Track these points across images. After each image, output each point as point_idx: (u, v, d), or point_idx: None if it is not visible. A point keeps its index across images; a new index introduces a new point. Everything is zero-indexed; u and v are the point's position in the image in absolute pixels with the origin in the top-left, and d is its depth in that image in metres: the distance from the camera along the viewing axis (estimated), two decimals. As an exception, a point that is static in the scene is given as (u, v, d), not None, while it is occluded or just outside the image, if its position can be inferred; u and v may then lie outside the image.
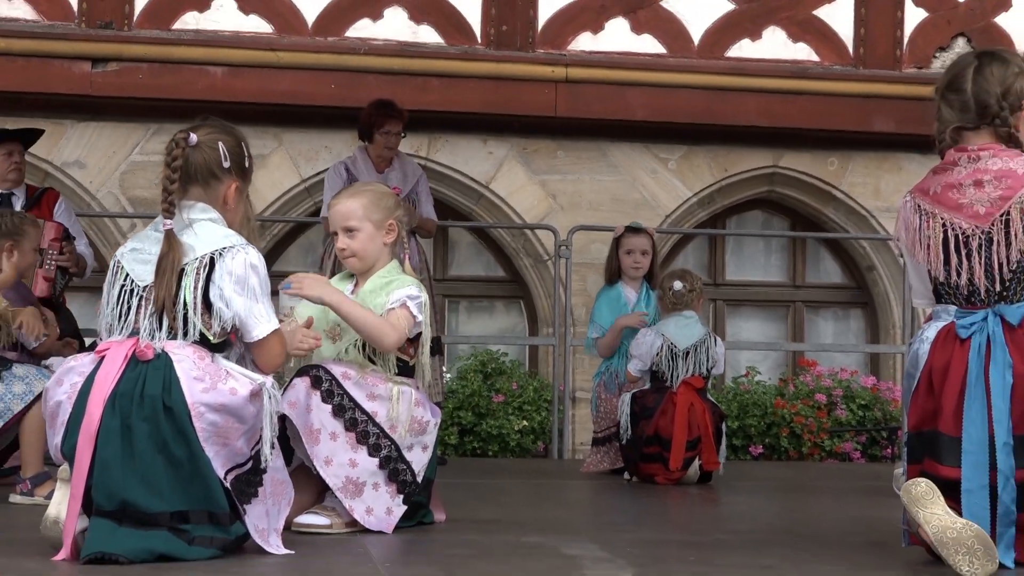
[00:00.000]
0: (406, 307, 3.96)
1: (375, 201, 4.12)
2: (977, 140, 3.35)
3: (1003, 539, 3.08)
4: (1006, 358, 3.17)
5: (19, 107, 9.41)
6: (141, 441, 3.08)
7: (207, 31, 10.05)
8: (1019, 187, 3.25)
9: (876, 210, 10.79)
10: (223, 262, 3.28)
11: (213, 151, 3.38)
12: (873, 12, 10.84)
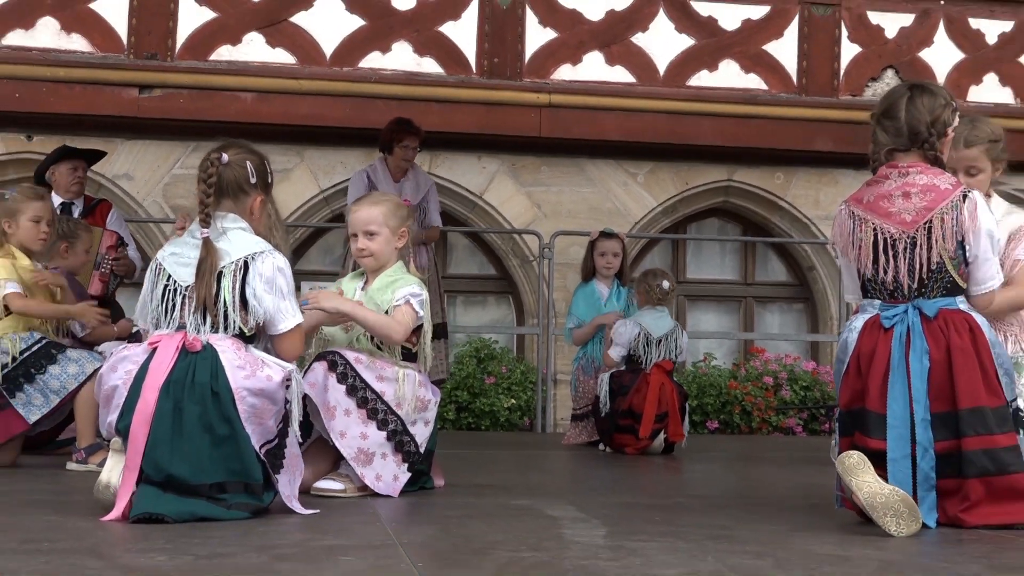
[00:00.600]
0: (410, 304, 3.96)
1: (393, 210, 4.13)
2: (907, 159, 3.35)
3: (924, 502, 3.08)
4: (923, 345, 3.19)
5: (76, 128, 9.41)
6: (190, 422, 3.10)
7: (239, 62, 10.03)
8: (941, 200, 3.26)
9: (816, 218, 10.79)
10: (255, 265, 3.30)
11: (242, 169, 3.39)
12: (814, 47, 10.86)
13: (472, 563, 2.37)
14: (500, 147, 10.47)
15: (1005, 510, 3.09)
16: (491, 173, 10.58)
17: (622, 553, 2.55)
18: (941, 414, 3.15)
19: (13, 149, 9.83)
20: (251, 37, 10.08)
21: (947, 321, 3.22)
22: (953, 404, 3.15)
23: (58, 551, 2.48)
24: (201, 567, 2.29)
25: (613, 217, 10.21)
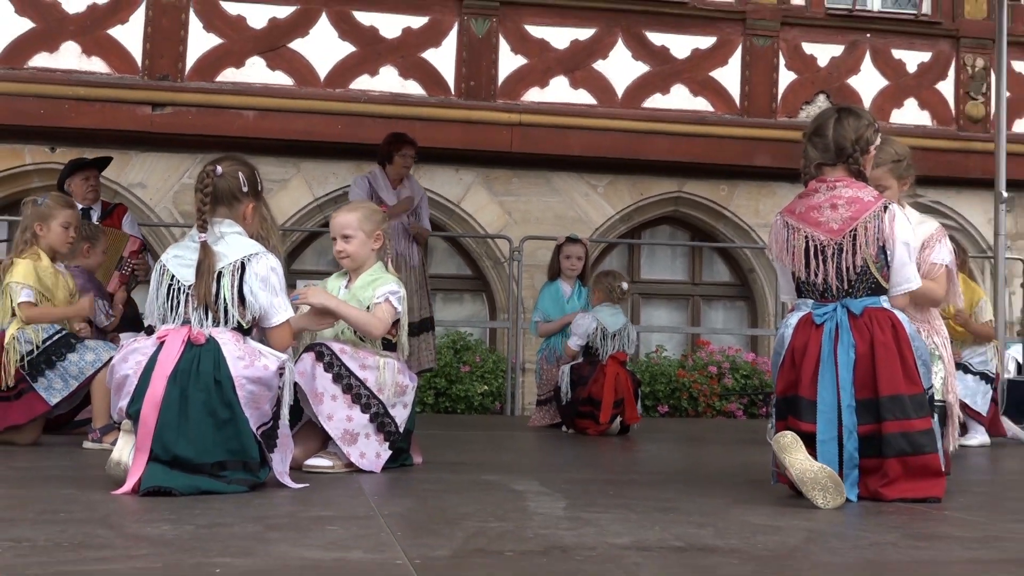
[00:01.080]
0: (389, 302, 3.96)
1: (367, 215, 4.12)
2: (834, 174, 3.36)
3: (848, 479, 3.10)
4: (850, 340, 3.20)
5: (95, 141, 9.36)
6: (195, 407, 3.09)
7: (242, 83, 10.00)
8: (864, 211, 3.27)
9: (756, 226, 10.83)
10: (251, 265, 3.29)
11: (234, 179, 3.38)
12: (755, 74, 10.90)
13: (444, 532, 2.37)
14: (475, 161, 10.48)
15: (919, 486, 3.11)
16: (467, 184, 10.59)
17: (579, 523, 2.55)
18: (864, 401, 3.17)
19: (38, 160, 9.78)
20: (253, 61, 10.07)
21: (872, 318, 3.23)
22: (875, 392, 3.16)
23: (73, 521, 2.47)
24: (201, 535, 2.28)
25: (576, 224, 10.22)
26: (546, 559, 2.04)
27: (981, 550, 2.25)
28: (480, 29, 10.48)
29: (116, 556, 2.02)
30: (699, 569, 1.95)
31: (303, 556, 2.03)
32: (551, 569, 1.93)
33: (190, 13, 10.01)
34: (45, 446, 4.71)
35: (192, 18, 10.02)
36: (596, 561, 2.01)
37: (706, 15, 10.87)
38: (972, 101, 11.29)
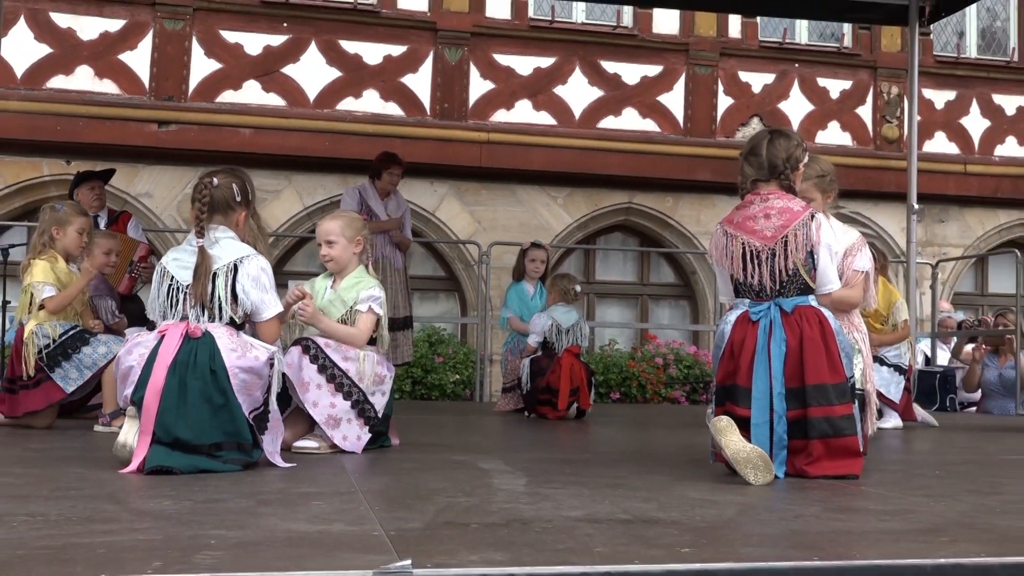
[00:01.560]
0: (372, 311, 3.95)
1: (348, 223, 4.11)
2: (767, 188, 3.37)
3: (777, 458, 3.11)
4: (782, 335, 3.21)
5: (106, 155, 9.28)
6: (193, 394, 3.07)
7: (239, 103, 9.95)
8: (794, 220, 3.28)
9: (698, 233, 10.88)
10: (243, 267, 3.27)
11: (228, 190, 3.36)
12: (696, 98, 10.96)
13: (417, 507, 2.36)
14: (448, 174, 10.48)
15: (839, 464, 3.13)
16: (441, 195, 10.58)
17: (538, 498, 2.55)
18: (793, 389, 3.18)
19: (55, 171, 9.69)
20: (249, 84, 10.04)
21: (801, 315, 3.24)
22: (802, 381, 3.17)
23: (83, 497, 2.45)
24: (199, 510, 2.27)
25: (538, 231, 10.23)
26: (507, 530, 2.03)
27: (893, 521, 2.27)
28: (453, 57, 10.48)
29: (121, 529, 2.00)
30: (643, 539, 1.96)
31: (290, 528, 2.02)
32: (512, 540, 1.92)
33: (193, 41, 9.97)
34: (59, 429, 4.67)
35: (195, 45, 9.97)
36: (552, 532, 2.01)
37: (654, 46, 10.92)
38: (887, 124, 11.39)
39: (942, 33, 11.66)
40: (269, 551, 1.78)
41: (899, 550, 1.89)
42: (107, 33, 9.82)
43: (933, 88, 11.48)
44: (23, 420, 4.67)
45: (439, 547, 1.83)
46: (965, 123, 11.68)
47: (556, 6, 10.66)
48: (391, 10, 10.41)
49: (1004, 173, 11.61)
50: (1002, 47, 12.03)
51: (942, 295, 10.93)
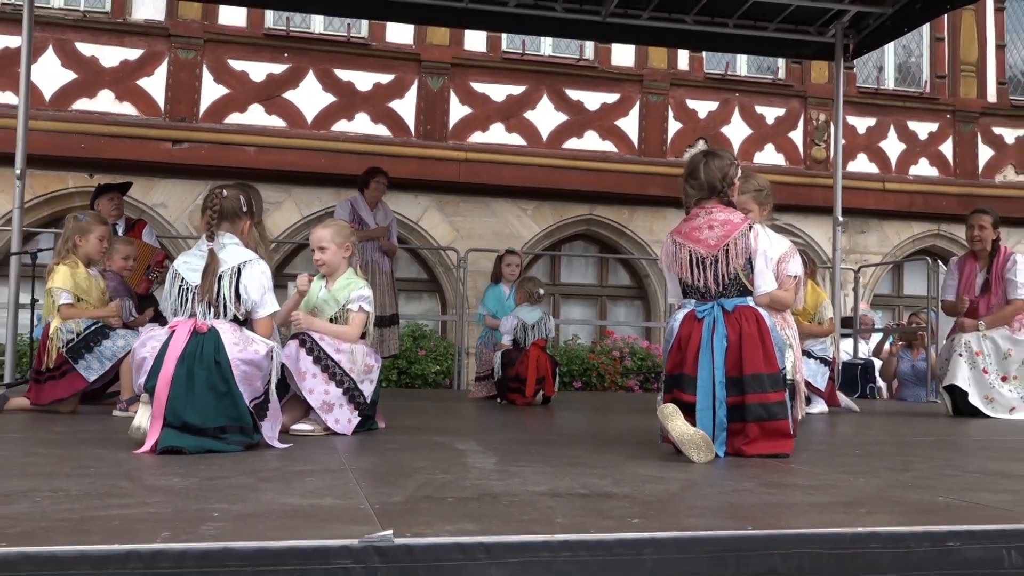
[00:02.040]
0: (362, 310, 3.94)
1: (338, 231, 4.09)
2: (709, 203, 3.38)
3: (718, 439, 3.12)
4: (724, 331, 3.22)
5: (125, 170, 9.22)
6: (200, 383, 3.05)
7: (245, 124, 9.90)
8: (734, 230, 3.29)
9: (650, 242, 10.92)
10: (246, 270, 3.25)
11: (236, 201, 3.34)
12: (649, 123, 11.00)
13: (400, 483, 2.36)
14: (430, 189, 10.47)
15: (773, 444, 3.15)
16: (424, 207, 10.56)
17: (506, 475, 2.54)
18: (733, 378, 3.18)
19: (80, 184, 9.61)
20: (254, 107, 10.00)
21: (741, 314, 3.25)
22: (741, 371, 3.18)
23: (101, 475, 2.42)
24: (204, 486, 2.25)
25: (509, 239, 10.24)
26: (479, 504, 2.03)
27: (818, 495, 2.28)
28: (435, 85, 10.47)
29: (135, 503, 1.98)
30: (599, 511, 1.96)
31: (286, 502, 2.01)
32: (482, 512, 1.92)
33: (203, 68, 9.91)
34: (82, 414, 4.62)
35: (205, 72, 9.91)
36: (518, 505, 2.01)
37: (612, 77, 10.96)
38: (816, 146, 11.48)
39: (864, 67, 11.77)
40: (266, 522, 1.77)
41: (823, 520, 1.90)
42: (127, 61, 9.75)
43: (856, 115, 11.58)
44: (49, 407, 4.63)
45: (418, 519, 1.82)
46: (884, 146, 11.79)
47: (526, 41, 10.68)
48: (380, 43, 10.39)
49: (917, 190, 11.73)
50: (916, 80, 12.16)
51: (863, 297, 11.03)
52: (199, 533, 1.63)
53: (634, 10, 8.16)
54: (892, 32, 8.34)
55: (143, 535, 1.61)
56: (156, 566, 1.50)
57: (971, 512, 2.04)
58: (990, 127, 12.07)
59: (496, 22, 8.37)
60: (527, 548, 1.62)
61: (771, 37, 8.55)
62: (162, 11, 9.86)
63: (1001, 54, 12.19)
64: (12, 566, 1.46)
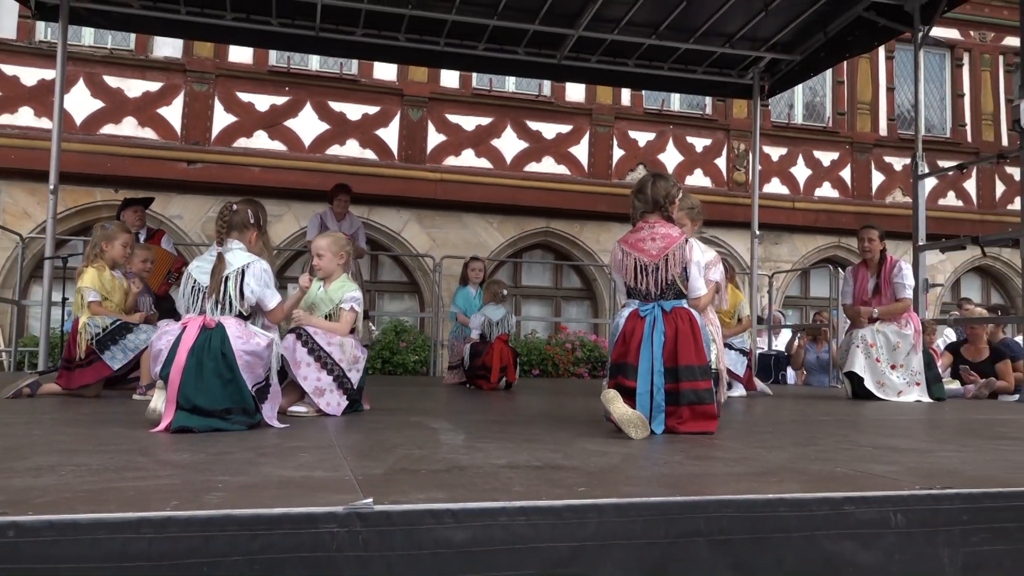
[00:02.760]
0: (353, 309, 3.91)
1: (334, 242, 4.05)
2: (652, 218, 3.39)
3: (656, 419, 3.11)
4: (662, 327, 3.22)
5: (146, 186, 9.09)
6: (208, 371, 2.98)
7: (251, 148, 9.79)
8: (673, 243, 3.30)
9: (598, 251, 10.95)
10: (249, 270, 3.20)
11: (244, 214, 3.28)
12: (597, 149, 11.04)
13: (381, 457, 2.33)
14: (411, 205, 10.43)
15: (702, 424, 3.15)
16: (405, 220, 10.51)
17: (473, 450, 2.52)
18: (669, 368, 3.19)
19: (107, 198, 9.47)
20: (259, 133, 9.89)
21: (677, 314, 3.25)
22: (676, 362, 3.19)
23: (120, 451, 2.36)
24: (211, 460, 2.20)
25: (478, 248, 10.22)
26: (448, 475, 2.01)
27: (736, 466, 2.29)
28: (415, 116, 10.43)
29: (148, 476, 1.93)
30: (551, 481, 1.94)
31: (281, 474, 1.97)
32: (451, 482, 1.90)
33: (215, 99, 9.79)
34: (105, 398, 4.51)
35: (216, 103, 9.79)
36: (482, 476, 1.99)
37: (566, 110, 10.98)
38: (737, 171, 11.59)
39: (777, 105, 11.90)
40: (264, 492, 1.74)
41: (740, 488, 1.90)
42: (148, 92, 9.61)
43: (770, 145, 11.71)
44: (77, 391, 4.53)
45: (395, 488, 1.80)
46: (793, 172, 11.93)
47: (493, 79, 10.67)
48: (368, 79, 10.34)
49: (821, 209, 11.88)
50: (820, 116, 12.31)
51: (776, 299, 11.14)
52: (203, 501, 1.60)
53: (584, 54, 8.19)
54: (800, 76, 8.44)
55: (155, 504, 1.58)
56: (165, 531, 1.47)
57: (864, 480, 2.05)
58: (882, 156, 12.26)
59: (467, 63, 8.37)
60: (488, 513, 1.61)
61: (700, 79, 8.63)
62: (179, 49, 9.73)
63: (891, 95, 12.38)
64: (37, 532, 1.42)
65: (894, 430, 3.52)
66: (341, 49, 8.00)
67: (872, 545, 1.76)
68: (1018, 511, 1.85)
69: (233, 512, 1.51)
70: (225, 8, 7.31)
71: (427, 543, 1.55)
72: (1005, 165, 12.21)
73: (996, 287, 13.24)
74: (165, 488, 1.77)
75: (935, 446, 2.88)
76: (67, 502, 1.59)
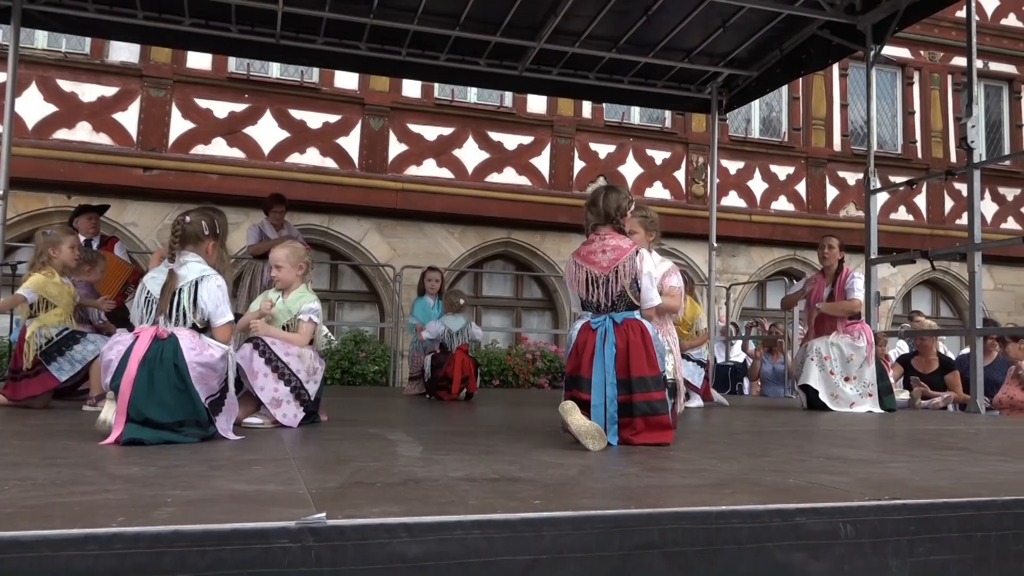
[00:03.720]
0: (311, 320, 3.87)
1: (293, 252, 4.00)
2: (604, 230, 3.41)
3: (610, 431, 3.12)
4: (613, 339, 3.23)
5: (101, 192, 8.91)
6: (160, 382, 2.92)
7: (209, 155, 9.67)
8: (623, 254, 3.32)
9: (559, 262, 10.98)
10: (203, 284, 3.14)
11: (199, 225, 3.22)
12: (558, 161, 11.09)
13: (337, 469, 2.30)
14: (372, 214, 10.37)
15: (656, 435, 3.17)
16: (366, 229, 10.45)
17: (430, 463, 2.51)
18: (622, 379, 3.20)
19: (59, 204, 9.25)
20: (217, 140, 9.77)
21: (628, 325, 3.27)
22: (628, 373, 3.20)
23: (67, 465, 2.31)
24: (161, 475, 2.16)
25: (439, 258, 10.20)
26: (404, 488, 1.99)
27: (691, 478, 2.30)
28: (376, 125, 10.39)
29: (96, 491, 1.88)
30: (506, 493, 1.94)
31: (233, 488, 1.94)
32: (406, 495, 1.89)
33: (172, 105, 9.65)
34: (54, 409, 4.40)
35: (174, 108, 9.65)
36: (438, 489, 1.98)
37: (527, 122, 11.02)
38: (696, 184, 11.73)
39: (734, 119, 12.08)
40: (214, 507, 1.70)
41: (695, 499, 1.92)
42: (103, 97, 9.45)
43: (728, 159, 11.87)
44: (24, 402, 4.41)
45: (349, 502, 1.78)
46: (750, 185, 12.11)
47: (455, 90, 10.67)
48: (329, 87, 10.27)
49: (777, 222, 12.07)
50: (776, 131, 12.52)
51: (733, 310, 11.28)
52: (151, 517, 1.56)
53: (546, 67, 8.23)
54: (757, 91, 8.58)
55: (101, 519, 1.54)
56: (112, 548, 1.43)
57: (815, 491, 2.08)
58: (836, 171, 12.50)
59: (429, 73, 8.36)
60: (443, 527, 1.60)
61: (659, 93, 8.72)
62: (136, 54, 9.59)
63: (845, 112, 12.65)
64: (-24, 550, 1.38)
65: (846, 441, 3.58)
66: (302, 57, 7.94)
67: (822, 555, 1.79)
68: (962, 521, 1.89)
69: (182, 528, 1.48)
70: (184, 13, 7.21)
71: (380, 558, 1.54)
72: (953, 181, 12.54)
73: (945, 300, 13.56)
74: (113, 503, 1.73)
75: (885, 457, 2.93)
76: (10, 518, 1.54)
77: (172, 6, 7.14)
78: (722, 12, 7.27)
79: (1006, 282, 13.25)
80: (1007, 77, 13.43)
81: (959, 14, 10.12)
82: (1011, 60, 13.35)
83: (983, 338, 6.34)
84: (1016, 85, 13.47)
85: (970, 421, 5.11)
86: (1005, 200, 13.32)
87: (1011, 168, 13.27)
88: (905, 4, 6.71)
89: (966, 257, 6.18)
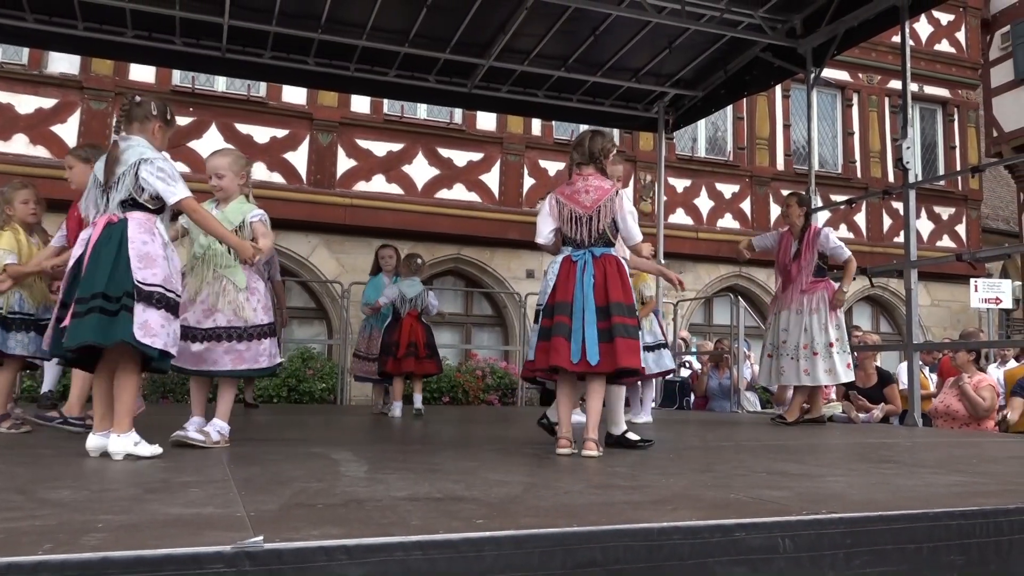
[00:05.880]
0: (262, 221, 3.71)
1: (236, 160, 3.82)
2: (587, 170, 3.71)
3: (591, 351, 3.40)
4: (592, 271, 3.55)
5: (37, 206, 8.65)
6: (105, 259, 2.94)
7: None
8: (605, 195, 3.64)
9: (509, 278, 11.01)
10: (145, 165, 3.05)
11: (147, 106, 3.19)
12: (508, 178, 11.13)
13: (276, 491, 2.26)
14: (319, 229, 10.27)
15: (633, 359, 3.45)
16: (314, 245, 10.34)
17: (373, 482, 2.48)
18: (601, 306, 3.48)
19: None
20: (161, 154, 9.55)
21: (606, 259, 3.58)
22: (607, 300, 3.48)
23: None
24: (93, 499, 2.09)
25: (388, 274, 10.11)
26: (345, 509, 1.96)
27: (634, 494, 2.31)
28: (325, 140, 10.31)
29: (22, 516, 1.82)
30: (450, 513, 1.93)
31: (168, 512, 1.89)
32: (348, 517, 1.86)
33: (113, 118, 9.42)
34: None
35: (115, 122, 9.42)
36: (380, 510, 1.96)
37: (477, 139, 11.05)
38: (643, 201, 11.87)
39: (681, 138, 12.28)
40: (147, 532, 1.66)
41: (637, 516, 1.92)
42: (41, 109, 9.21)
43: (675, 177, 12.06)
44: None
45: (288, 524, 1.75)
46: (697, 203, 12.30)
47: (404, 105, 10.66)
48: (277, 102, 10.17)
49: (723, 239, 12.27)
50: (722, 150, 12.76)
51: (681, 325, 11.41)
52: (80, 544, 1.51)
53: (495, 84, 8.28)
54: (702, 111, 8.75)
55: (25, 547, 1.48)
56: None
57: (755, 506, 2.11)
58: (779, 189, 12.77)
59: (378, 89, 8.34)
60: (384, 549, 1.58)
61: (607, 111, 8.83)
62: (76, 66, 9.37)
63: (787, 132, 12.95)
64: None
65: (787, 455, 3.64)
66: (248, 71, 7.85)
67: (762, 570, 1.81)
68: (896, 534, 1.93)
69: (112, 555, 1.44)
70: (126, 25, 7.08)
71: (319, 582, 1.51)
72: (891, 200, 12.91)
73: (885, 315, 13.92)
74: (40, 529, 1.67)
75: (825, 471, 2.99)
76: (-76, 549, 1.48)
77: (114, 17, 7.01)
78: (668, 34, 7.41)
79: (942, 298, 13.66)
80: (941, 100, 13.91)
81: (895, 39, 10.45)
82: (944, 84, 13.84)
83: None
84: (949, 108, 13.96)
85: (908, 434, 5.24)
86: (940, 219, 13.75)
87: (946, 188, 13.71)
88: (843, 29, 6.91)
89: (903, 274, 6.35)
